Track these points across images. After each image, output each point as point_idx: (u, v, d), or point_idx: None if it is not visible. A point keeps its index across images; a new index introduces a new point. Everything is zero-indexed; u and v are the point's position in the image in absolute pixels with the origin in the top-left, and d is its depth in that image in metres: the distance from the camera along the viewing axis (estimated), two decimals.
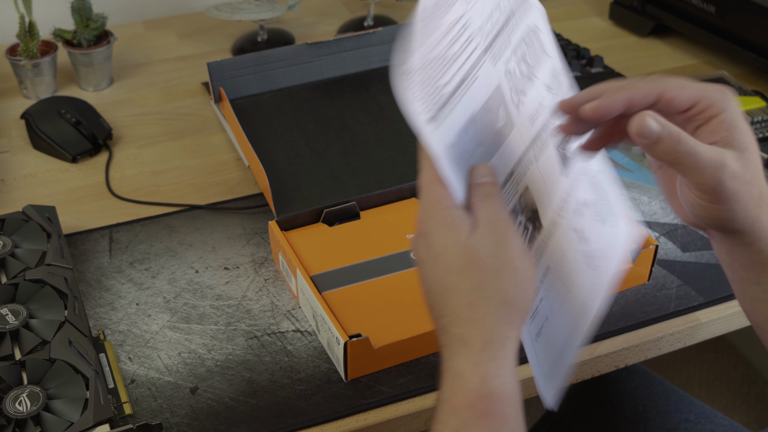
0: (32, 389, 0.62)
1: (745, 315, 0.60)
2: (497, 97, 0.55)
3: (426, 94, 0.49)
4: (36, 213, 0.79)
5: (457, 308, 0.50)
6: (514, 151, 0.55)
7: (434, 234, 0.51)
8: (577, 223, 0.58)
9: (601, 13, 1.31)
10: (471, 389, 0.48)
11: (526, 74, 0.58)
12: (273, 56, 0.94)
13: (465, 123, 0.51)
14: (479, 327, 0.49)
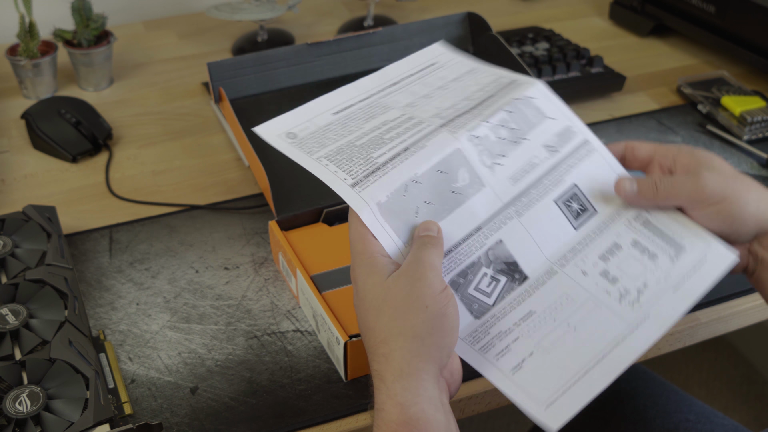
0: (32, 389, 0.62)
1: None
2: (456, 160, 0.61)
3: (351, 165, 0.60)
4: (36, 213, 0.79)
5: (374, 345, 0.54)
6: (483, 208, 0.61)
7: (359, 279, 0.56)
8: (598, 267, 0.62)
9: (601, 13, 1.31)
10: (391, 419, 0.51)
11: (508, 138, 0.65)
12: (273, 56, 0.94)
13: (402, 184, 0.59)
14: (391, 361, 0.52)
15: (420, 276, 0.54)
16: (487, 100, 0.68)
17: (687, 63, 1.18)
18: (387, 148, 0.62)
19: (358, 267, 0.57)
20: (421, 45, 1.01)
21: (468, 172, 0.62)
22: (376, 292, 0.55)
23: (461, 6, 1.30)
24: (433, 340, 0.53)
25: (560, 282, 0.61)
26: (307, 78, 0.96)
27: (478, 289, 0.60)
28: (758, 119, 1.00)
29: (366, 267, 0.56)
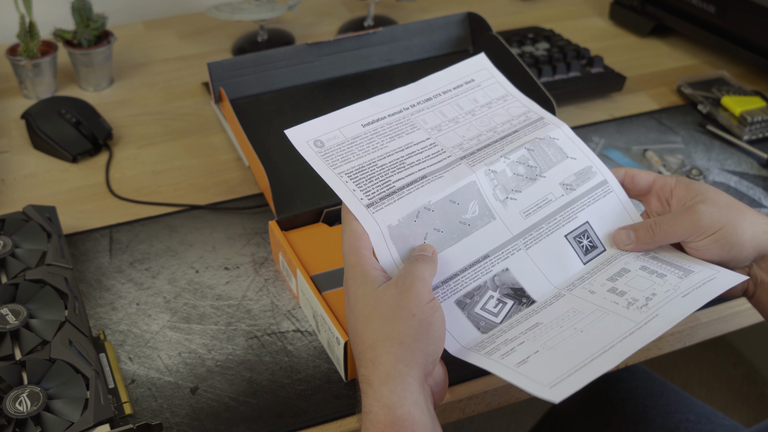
0: (32, 389, 0.62)
1: None
2: (469, 192, 0.65)
3: (370, 185, 0.63)
4: (36, 213, 0.79)
5: (362, 351, 0.56)
6: (491, 238, 0.64)
7: (350, 289, 0.58)
8: (606, 286, 0.64)
9: (601, 13, 1.31)
10: (379, 420, 0.53)
11: (525, 174, 0.68)
12: (273, 56, 0.94)
13: (414, 210, 0.62)
14: (378, 366, 0.54)
15: (409, 286, 0.56)
16: (511, 135, 0.71)
17: (687, 63, 1.18)
18: (406, 173, 0.65)
19: (350, 278, 0.59)
20: (421, 45, 1.01)
21: (479, 205, 0.65)
22: (366, 301, 0.57)
23: (461, 6, 1.30)
24: (418, 346, 0.55)
25: (568, 301, 0.63)
26: (307, 78, 0.96)
27: (485, 309, 0.62)
28: (758, 119, 1.00)
29: (358, 278, 0.58)
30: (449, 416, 0.71)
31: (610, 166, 0.91)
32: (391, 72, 0.99)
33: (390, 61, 1.00)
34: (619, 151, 0.98)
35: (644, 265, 0.65)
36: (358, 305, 0.57)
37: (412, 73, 0.99)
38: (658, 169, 0.94)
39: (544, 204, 0.68)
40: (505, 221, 0.66)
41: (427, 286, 0.57)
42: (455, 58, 1.01)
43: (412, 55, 1.00)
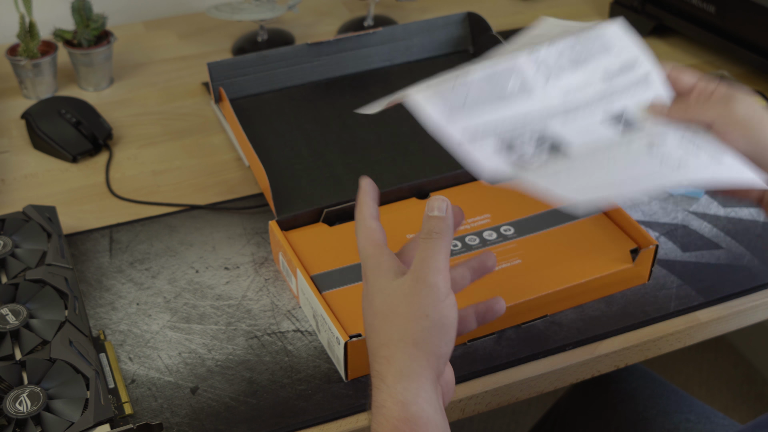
0: (32, 389, 0.62)
1: None
2: (510, 72, 0.65)
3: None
4: (36, 213, 0.79)
5: (377, 347, 0.56)
6: (530, 115, 0.64)
7: (368, 282, 0.58)
8: (642, 141, 0.65)
9: (602, 13, 1.31)
10: (393, 416, 0.53)
11: (568, 60, 0.67)
12: (273, 56, 0.94)
13: (452, 84, 0.63)
14: (393, 364, 0.54)
15: (423, 279, 0.55)
16: (559, 40, 0.70)
17: (687, 63, 1.18)
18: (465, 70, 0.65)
19: (368, 269, 0.58)
20: (421, 45, 1.01)
21: (520, 83, 0.65)
22: (382, 296, 0.57)
23: (461, 6, 1.30)
24: (431, 348, 0.55)
25: (600, 145, 0.64)
26: (307, 78, 0.96)
27: (522, 156, 0.63)
28: None
29: (375, 269, 0.58)
30: (449, 416, 0.71)
31: None
32: (391, 72, 0.99)
33: (390, 61, 1.00)
34: None
35: (680, 142, 0.65)
36: (375, 299, 0.57)
37: (413, 73, 0.99)
38: None
39: (584, 87, 0.67)
40: (542, 99, 0.65)
41: (444, 278, 0.56)
42: (455, 58, 1.02)
43: (412, 55, 1.00)
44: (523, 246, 0.78)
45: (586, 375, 0.75)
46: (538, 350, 0.73)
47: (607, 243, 0.79)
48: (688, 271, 0.81)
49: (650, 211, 0.89)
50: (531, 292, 0.73)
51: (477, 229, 0.80)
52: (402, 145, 0.90)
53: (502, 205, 0.83)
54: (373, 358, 0.56)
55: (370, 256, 0.59)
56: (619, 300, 0.78)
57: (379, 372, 0.55)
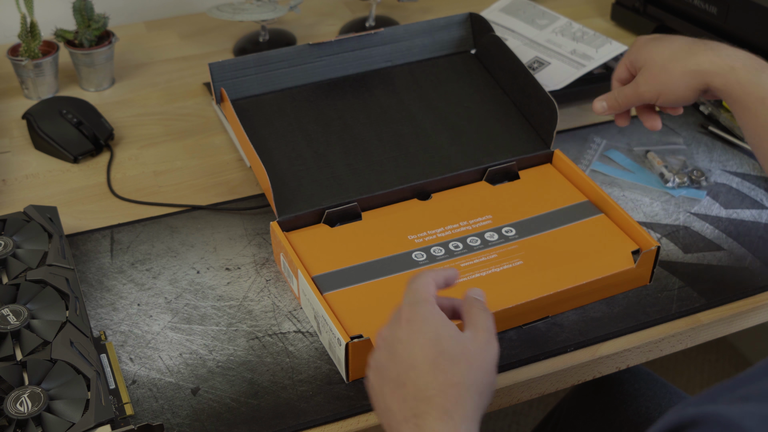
0: (33, 390, 0.62)
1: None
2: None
3: None
4: (37, 213, 0.79)
5: (446, 386, 0.56)
6: None
7: (427, 316, 0.59)
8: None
9: (603, 13, 1.31)
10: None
11: None
12: (274, 57, 0.94)
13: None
14: (461, 405, 0.55)
15: (490, 340, 0.60)
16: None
17: None
18: None
19: (428, 309, 0.60)
20: (422, 46, 1.01)
21: None
22: (453, 341, 0.58)
23: (463, 7, 1.30)
24: (485, 402, 0.59)
25: None
26: (309, 78, 0.96)
27: None
28: None
29: (436, 313, 0.60)
30: None
31: (615, 169, 0.91)
32: (392, 72, 0.99)
33: (391, 61, 1.00)
34: (620, 152, 0.98)
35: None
36: (443, 342, 0.57)
37: (414, 74, 0.99)
38: (660, 170, 0.94)
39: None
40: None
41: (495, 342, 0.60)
42: (457, 59, 1.02)
43: (413, 56, 1.00)
44: (524, 247, 0.78)
45: (588, 376, 0.75)
46: (539, 351, 0.73)
47: (608, 244, 0.79)
48: (690, 272, 0.81)
49: (652, 212, 0.89)
50: (532, 293, 0.73)
51: (478, 230, 0.80)
52: (403, 145, 0.90)
53: (503, 207, 0.83)
54: (435, 393, 0.55)
55: (428, 301, 0.60)
56: (620, 301, 0.78)
57: (446, 409, 0.55)
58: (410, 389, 0.56)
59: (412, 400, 0.55)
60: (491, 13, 1.20)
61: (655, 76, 0.80)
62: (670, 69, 0.79)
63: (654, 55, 0.81)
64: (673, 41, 0.81)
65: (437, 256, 0.77)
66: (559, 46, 1.09)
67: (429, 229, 0.80)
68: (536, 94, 0.91)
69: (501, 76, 0.98)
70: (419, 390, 0.55)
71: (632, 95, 0.83)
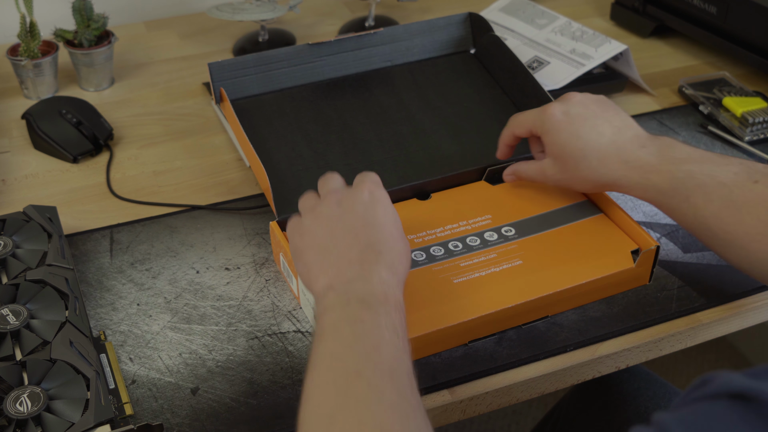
0: (33, 390, 0.62)
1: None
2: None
3: None
4: (37, 213, 0.79)
5: (395, 249, 0.65)
6: None
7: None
8: None
9: (603, 13, 1.31)
10: (399, 299, 0.62)
11: None
12: (274, 57, 0.94)
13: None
14: (403, 269, 0.66)
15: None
16: None
17: (688, 64, 1.18)
18: None
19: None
20: (422, 46, 1.01)
21: None
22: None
23: (463, 6, 1.30)
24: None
25: None
26: (308, 78, 0.96)
27: None
28: (760, 120, 1.00)
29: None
30: (450, 417, 0.71)
31: None
32: (392, 72, 0.99)
33: (391, 61, 1.00)
34: None
35: None
36: (396, 222, 0.68)
37: (413, 74, 0.99)
38: None
39: None
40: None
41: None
42: (456, 59, 1.02)
43: (413, 56, 1.00)
44: (524, 247, 0.78)
45: (587, 376, 0.75)
46: (539, 351, 0.73)
47: (608, 244, 0.79)
48: (690, 272, 0.81)
49: (651, 212, 0.89)
50: (532, 293, 0.73)
51: (478, 230, 0.80)
52: (403, 145, 0.90)
53: (503, 207, 0.83)
54: (385, 250, 0.64)
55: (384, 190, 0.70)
56: (620, 301, 0.78)
57: (391, 263, 0.64)
58: (363, 239, 0.64)
59: (365, 248, 0.64)
60: (491, 12, 1.20)
61: (567, 172, 0.77)
62: (582, 173, 0.76)
63: (569, 151, 0.76)
64: (589, 138, 0.75)
65: (437, 255, 0.77)
66: (559, 46, 1.09)
67: (428, 229, 0.80)
68: (536, 93, 0.91)
69: (500, 75, 0.98)
70: (372, 244, 0.64)
71: (538, 176, 0.81)
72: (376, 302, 0.60)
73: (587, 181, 0.76)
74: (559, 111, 0.77)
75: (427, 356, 0.72)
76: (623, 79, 1.08)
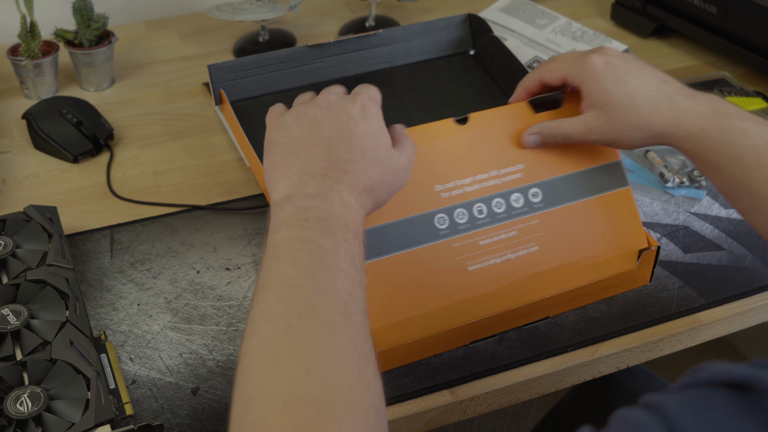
0: (33, 390, 0.62)
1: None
2: None
3: None
4: (37, 213, 0.79)
5: (365, 173, 0.61)
6: None
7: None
8: None
9: (603, 13, 1.31)
10: (356, 218, 0.59)
11: None
12: (273, 58, 0.94)
13: None
14: (367, 195, 0.62)
15: None
16: None
17: (689, 64, 1.18)
18: None
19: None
20: (421, 47, 1.01)
21: None
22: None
23: (463, 7, 1.30)
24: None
25: None
26: (308, 80, 0.96)
27: None
28: None
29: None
30: (450, 417, 0.71)
31: None
32: (391, 74, 0.99)
33: (391, 62, 1.00)
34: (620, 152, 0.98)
35: None
36: (379, 144, 0.64)
37: (413, 75, 0.99)
38: (660, 170, 0.94)
39: None
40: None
41: None
42: (456, 60, 1.02)
43: (412, 57, 1.00)
44: (544, 223, 0.74)
45: (588, 376, 0.75)
46: (539, 351, 0.73)
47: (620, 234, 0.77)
48: (690, 272, 0.81)
49: (652, 212, 0.89)
50: (533, 295, 0.73)
51: (507, 187, 0.75)
52: None
53: (537, 154, 0.77)
54: (354, 171, 0.61)
55: (380, 106, 0.68)
56: (620, 301, 0.78)
57: (356, 187, 0.61)
58: (334, 154, 0.60)
59: (333, 163, 0.60)
60: (491, 12, 1.20)
61: (614, 122, 0.70)
62: (633, 122, 0.70)
63: (618, 98, 0.70)
64: (637, 85, 0.70)
65: (460, 224, 0.73)
66: (559, 46, 1.09)
67: (458, 179, 0.74)
68: None
69: (500, 76, 0.98)
70: (341, 160, 0.60)
71: (578, 134, 0.73)
72: (336, 226, 0.56)
73: (637, 131, 0.70)
74: (600, 60, 0.71)
75: (428, 357, 0.72)
76: None
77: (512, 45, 1.10)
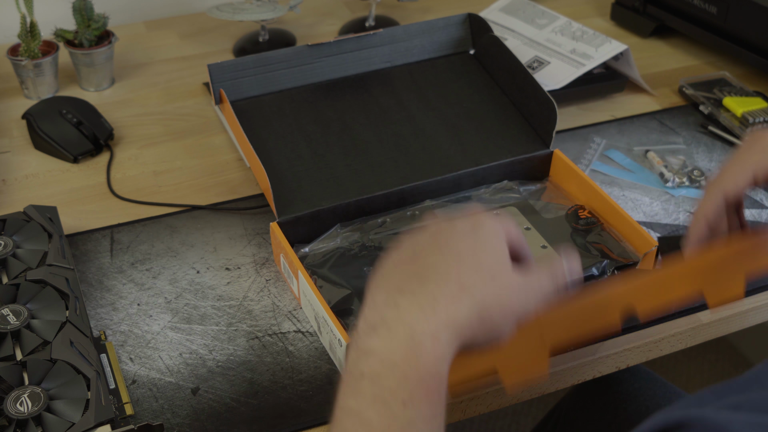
0: (33, 390, 0.62)
1: None
2: None
3: None
4: (37, 213, 0.79)
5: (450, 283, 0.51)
6: None
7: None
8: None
9: (603, 13, 1.31)
10: (428, 362, 0.47)
11: None
12: (273, 58, 0.94)
13: None
14: (456, 307, 0.50)
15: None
16: None
17: (689, 64, 1.18)
18: None
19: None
20: (421, 46, 1.01)
21: None
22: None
23: (463, 7, 1.30)
24: None
25: None
26: (308, 79, 0.96)
27: None
28: (760, 120, 1.00)
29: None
30: (450, 417, 0.71)
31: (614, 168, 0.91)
32: (391, 73, 0.99)
33: (390, 62, 1.00)
34: (620, 151, 0.98)
35: None
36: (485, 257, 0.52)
37: (413, 74, 0.99)
38: (660, 170, 0.94)
39: None
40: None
41: None
42: (456, 60, 1.02)
43: (412, 57, 1.00)
44: None
45: (588, 376, 0.75)
46: None
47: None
48: None
49: (652, 212, 0.89)
50: None
51: None
52: (402, 146, 0.90)
53: None
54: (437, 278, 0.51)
55: (498, 226, 0.54)
56: None
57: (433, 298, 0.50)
58: (417, 265, 0.51)
59: (411, 276, 0.50)
60: (491, 12, 1.20)
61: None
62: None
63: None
64: None
65: None
66: (559, 46, 1.09)
67: None
68: (535, 93, 0.91)
69: (500, 76, 0.98)
70: (425, 268, 0.50)
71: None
72: (390, 386, 0.47)
73: None
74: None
75: None
76: (623, 79, 1.08)
77: (512, 45, 1.10)
